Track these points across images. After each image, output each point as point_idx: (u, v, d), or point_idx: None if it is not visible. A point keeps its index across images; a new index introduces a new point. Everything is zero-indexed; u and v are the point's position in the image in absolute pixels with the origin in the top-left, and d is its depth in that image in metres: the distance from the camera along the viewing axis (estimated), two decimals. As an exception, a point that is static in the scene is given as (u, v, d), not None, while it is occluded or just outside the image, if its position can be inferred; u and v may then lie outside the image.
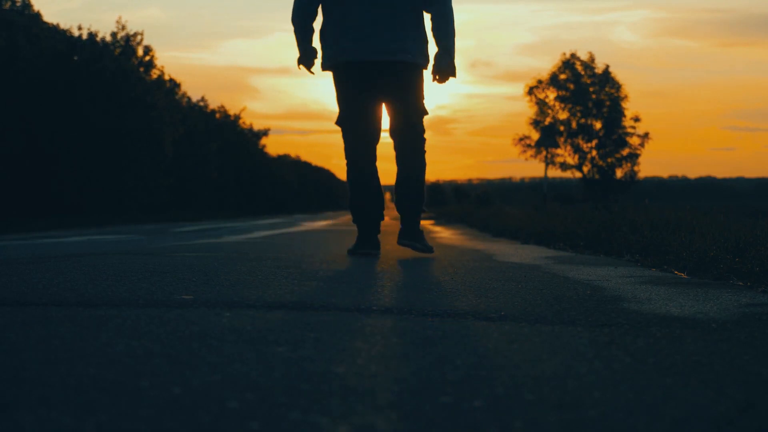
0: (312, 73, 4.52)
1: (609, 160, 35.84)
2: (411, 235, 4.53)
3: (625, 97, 35.85)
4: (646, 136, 35.83)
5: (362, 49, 4.24)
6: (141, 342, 1.65)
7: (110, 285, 2.72)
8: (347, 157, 4.52)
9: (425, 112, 4.47)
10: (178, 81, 31.46)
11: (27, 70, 19.23)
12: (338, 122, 4.48)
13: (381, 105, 4.45)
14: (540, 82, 36.28)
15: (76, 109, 20.41)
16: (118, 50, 23.13)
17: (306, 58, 4.45)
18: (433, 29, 4.36)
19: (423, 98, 4.46)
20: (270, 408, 1.17)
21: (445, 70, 4.35)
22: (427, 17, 4.46)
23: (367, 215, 4.55)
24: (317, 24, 4.50)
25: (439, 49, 4.36)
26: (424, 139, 4.51)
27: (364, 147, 4.47)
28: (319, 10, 4.48)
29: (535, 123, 35.89)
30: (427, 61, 4.41)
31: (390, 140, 4.58)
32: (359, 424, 1.10)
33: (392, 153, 4.61)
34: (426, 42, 4.42)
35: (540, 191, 32.89)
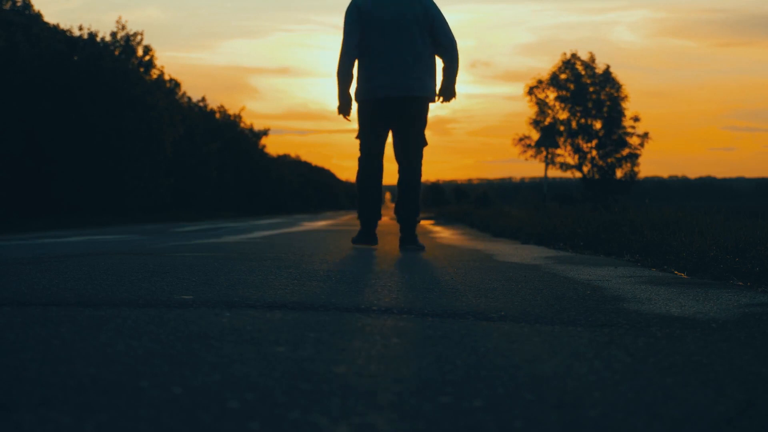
0: (349, 120, 5.50)
1: (609, 160, 35.82)
2: (409, 240, 5.46)
3: (626, 97, 35.85)
4: (645, 136, 35.83)
5: (392, 88, 5.27)
6: (141, 342, 1.65)
7: (110, 285, 2.72)
8: (360, 165, 5.49)
9: (425, 143, 5.49)
10: (178, 81, 31.45)
11: (27, 70, 19.21)
12: (359, 137, 5.48)
13: (389, 130, 5.47)
14: (540, 82, 36.27)
15: (76, 109, 20.39)
16: (118, 50, 23.12)
17: (346, 108, 5.43)
18: (444, 69, 5.43)
19: (425, 126, 5.45)
20: (270, 408, 1.17)
21: (449, 93, 5.45)
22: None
23: (369, 216, 5.51)
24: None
25: (445, 80, 5.43)
26: (421, 162, 5.50)
27: (375, 160, 5.47)
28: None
29: (535, 123, 35.88)
30: (435, 94, 5.43)
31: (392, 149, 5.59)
32: (359, 424, 1.10)
33: (392, 153, 5.59)
34: (435, 79, 5.43)
35: (540, 191, 32.88)
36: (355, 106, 5.47)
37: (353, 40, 5.28)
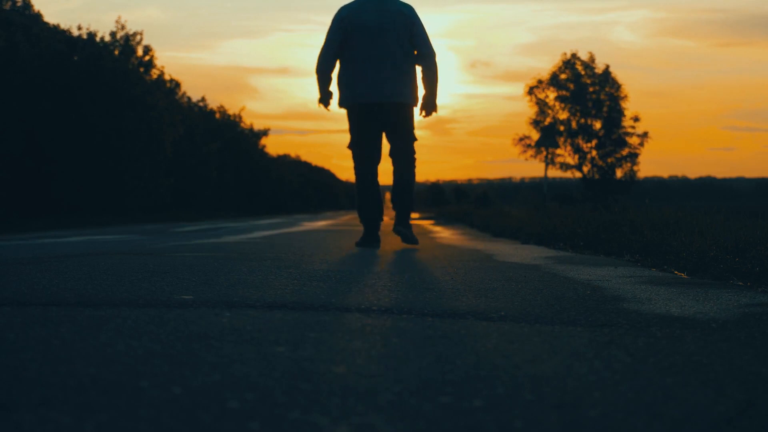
0: (329, 110, 5.86)
1: (609, 160, 35.83)
2: (402, 224, 5.72)
3: (625, 97, 35.85)
4: (645, 135, 35.83)
5: (372, 94, 5.54)
6: (141, 342, 1.65)
7: (110, 285, 2.72)
8: (356, 173, 5.76)
9: (415, 139, 5.77)
10: (178, 81, 31.42)
11: (27, 70, 19.21)
12: (350, 146, 5.75)
13: (382, 135, 5.71)
14: (540, 82, 36.27)
15: (76, 109, 20.38)
16: (117, 50, 23.11)
17: (325, 99, 5.75)
18: (423, 78, 5.70)
19: (414, 128, 5.75)
20: (270, 408, 1.17)
21: (430, 107, 5.73)
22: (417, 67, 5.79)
23: (371, 218, 5.71)
24: (334, 73, 5.80)
25: (426, 92, 5.70)
26: (415, 159, 5.76)
27: (369, 167, 5.71)
28: (337, 63, 5.75)
29: (535, 123, 35.88)
30: (417, 100, 5.70)
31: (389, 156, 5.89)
32: (359, 424, 1.10)
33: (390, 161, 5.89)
34: (416, 86, 5.70)
35: (540, 191, 32.88)
36: (343, 112, 5.81)
37: (333, 45, 5.62)
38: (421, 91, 5.75)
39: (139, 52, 23.97)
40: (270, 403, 1.19)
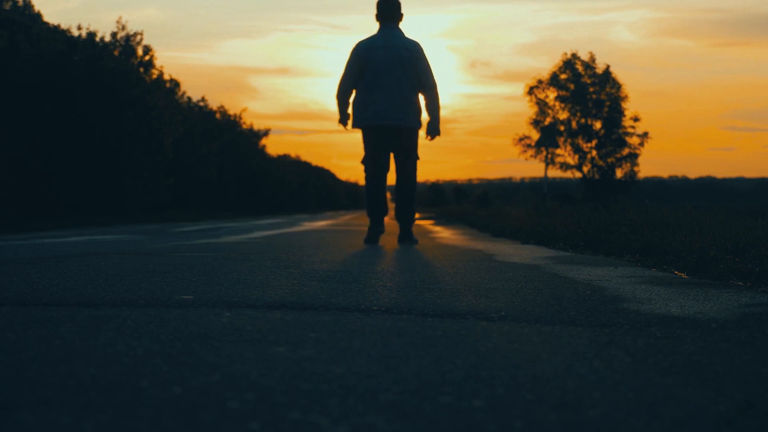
0: (347, 129, 6.67)
1: (609, 160, 35.84)
2: (406, 238, 6.57)
3: (626, 97, 35.86)
4: (645, 135, 35.84)
5: (382, 117, 6.35)
6: (141, 342, 1.65)
7: (110, 285, 2.72)
8: (366, 181, 6.63)
9: (418, 158, 6.62)
10: (178, 81, 31.38)
11: (27, 70, 19.20)
12: (363, 161, 6.61)
13: (390, 153, 6.56)
14: (540, 81, 36.28)
15: (76, 109, 20.38)
16: (117, 50, 23.09)
17: (344, 120, 6.63)
18: (427, 106, 6.53)
19: (417, 149, 6.59)
20: (270, 408, 1.17)
21: (435, 132, 6.60)
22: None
23: (377, 214, 6.56)
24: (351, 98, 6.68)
25: (430, 119, 6.57)
26: (416, 177, 6.60)
27: (378, 178, 6.57)
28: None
29: (535, 123, 35.90)
30: (420, 123, 6.53)
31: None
32: (359, 424, 1.10)
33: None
34: (420, 111, 6.51)
35: (540, 191, 32.89)
36: (359, 134, 6.63)
37: (351, 76, 6.46)
38: (424, 116, 6.55)
39: (140, 52, 23.96)
40: (270, 403, 1.19)
